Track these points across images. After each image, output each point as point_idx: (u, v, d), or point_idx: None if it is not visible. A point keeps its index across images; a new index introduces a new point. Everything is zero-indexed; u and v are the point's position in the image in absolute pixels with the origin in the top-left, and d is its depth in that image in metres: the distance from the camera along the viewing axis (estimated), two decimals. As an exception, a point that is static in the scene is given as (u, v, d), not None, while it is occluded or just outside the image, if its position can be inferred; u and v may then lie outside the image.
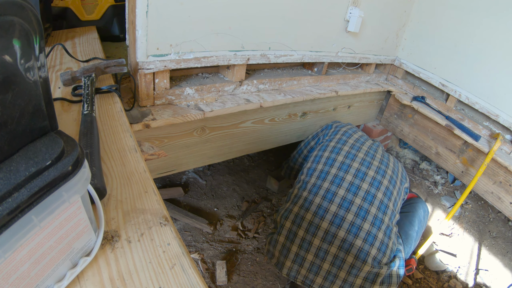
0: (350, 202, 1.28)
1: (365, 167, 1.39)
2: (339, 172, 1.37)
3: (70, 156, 0.38)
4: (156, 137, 1.15)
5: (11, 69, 0.34)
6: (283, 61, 1.44)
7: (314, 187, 1.35)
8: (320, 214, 1.27)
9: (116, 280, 0.45)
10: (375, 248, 1.20)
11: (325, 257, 1.22)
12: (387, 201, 1.33)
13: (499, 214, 2.06)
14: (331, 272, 1.21)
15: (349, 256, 1.19)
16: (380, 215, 1.28)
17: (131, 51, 1.07)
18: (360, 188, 1.32)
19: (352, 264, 1.19)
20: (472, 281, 1.78)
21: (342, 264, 1.20)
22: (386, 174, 1.40)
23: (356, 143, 1.51)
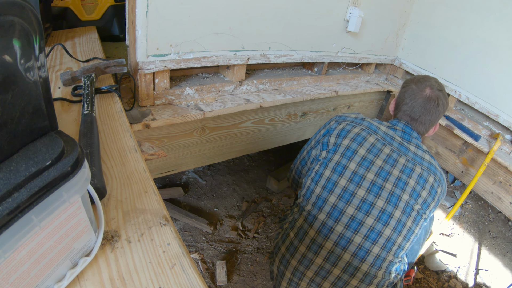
0: (360, 222, 1.04)
1: (382, 179, 1.06)
2: (349, 184, 1.07)
3: (70, 156, 0.38)
4: (156, 137, 1.15)
5: (11, 69, 0.34)
6: (283, 61, 1.44)
7: (319, 200, 1.10)
8: (324, 233, 1.07)
9: (116, 280, 0.45)
10: (382, 270, 1.03)
11: (326, 276, 1.06)
12: (405, 219, 1.05)
13: (499, 214, 2.06)
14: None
15: (354, 279, 1.02)
16: (395, 237, 1.04)
17: (131, 51, 1.07)
18: (374, 206, 1.04)
19: (356, 287, 1.04)
20: (472, 281, 1.78)
21: (345, 286, 1.04)
22: (407, 187, 1.05)
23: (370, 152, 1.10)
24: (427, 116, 1.11)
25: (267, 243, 1.82)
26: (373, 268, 1.02)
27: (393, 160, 1.06)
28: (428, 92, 1.10)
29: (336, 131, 1.12)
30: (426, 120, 1.11)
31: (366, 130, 1.10)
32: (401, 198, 1.03)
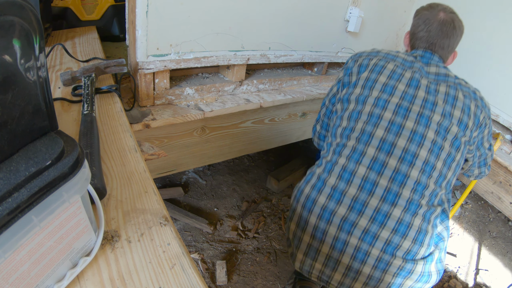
0: (392, 143, 0.94)
1: (407, 101, 0.98)
2: (374, 109, 1.00)
3: (70, 156, 0.38)
4: (156, 137, 1.15)
5: (11, 69, 0.34)
6: (283, 61, 1.44)
7: (346, 130, 1.02)
8: (336, 197, 0.97)
9: (116, 280, 0.45)
10: (409, 240, 0.91)
11: (343, 249, 0.95)
12: (441, 141, 0.94)
13: (499, 214, 2.06)
14: (352, 267, 0.95)
15: (374, 249, 0.92)
16: (433, 160, 0.93)
17: (131, 51, 1.07)
18: (403, 127, 0.95)
19: (379, 258, 0.92)
20: (472, 281, 1.78)
21: (366, 257, 0.93)
22: (437, 108, 0.96)
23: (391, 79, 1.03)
24: (445, 40, 1.05)
25: (267, 243, 1.82)
26: (415, 194, 0.92)
27: (416, 81, 1.01)
28: (442, 16, 1.04)
29: (354, 68, 1.10)
30: (445, 44, 1.05)
31: (384, 59, 1.06)
32: (432, 118, 0.95)
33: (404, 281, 0.93)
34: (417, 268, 0.92)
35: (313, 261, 1.02)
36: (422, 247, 0.92)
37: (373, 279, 0.94)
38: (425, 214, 0.93)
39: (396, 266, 0.91)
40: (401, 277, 0.92)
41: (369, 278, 0.94)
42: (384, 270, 0.92)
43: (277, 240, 1.85)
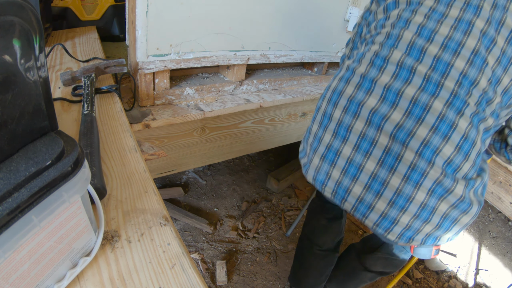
0: (422, 49, 0.77)
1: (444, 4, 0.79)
2: (403, 13, 0.83)
3: (70, 156, 0.38)
4: (156, 137, 1.15)
5: (11, 69, 0.34)
6: (283, 61, 1.44)
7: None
8: (366, 86, 0.81)
9: (116, 280, 0.45)
10: (451, 145, 0.73)
11: (370, 150, 0.79)
12: (485, 53, 0.74)
13: (499, 214, 2.06)
14: (378, 176, 0.78)
15: (408, 151, 0.75)
16: (473, 74, 0.74)
17: (131, 51, 1.07)
18: (436, 33, 0.77)
19: (413, 164, 0.74)
20: (472, 281, 1.79)
21: (396, 163, 0.76)
22: (481, 12, 0.76)
23: None
24: None
25: (267, 243, 1.82)
26: (460, 88, 0.74)
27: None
28: None
29: None
30: None
31: None
32: (474, 23, 0.75)
33: (439, 203, 0.75)
34: (456, 189, 0.74)
35: (330, 166, 0.87)
36: (467, 162, 0.74)
37: (401, 196, 0.76)
38: (473, 117, 0.74)
39: (433, 179, 0.73)
40: (436, 196, 0.75)
41: (396, 194, 0.77)
42: (417, 184, 0.74)
43: (277, 240, 1.85)
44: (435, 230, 0.79)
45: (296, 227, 1.95)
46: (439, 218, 0.77)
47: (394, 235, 0.81)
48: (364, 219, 0.84)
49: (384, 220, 0.80)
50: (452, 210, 0.76)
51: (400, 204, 0.77)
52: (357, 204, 0.83)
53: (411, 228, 0.79)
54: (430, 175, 0.74)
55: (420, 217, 0.77)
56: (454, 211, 0.76)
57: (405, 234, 0.80)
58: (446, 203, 0.76)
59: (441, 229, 0.78)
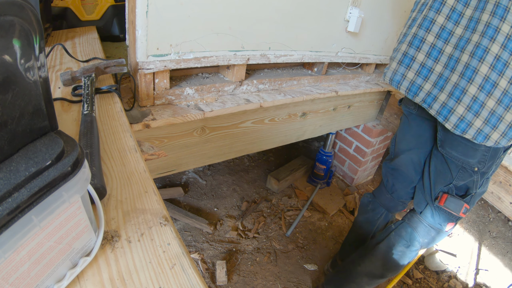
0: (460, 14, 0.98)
1: None
2: None
3: (70, 156, 0.38)
4: (156, 137, 1.15)
5: (11, 69, 0.34)
6: (283, 61, 1.44)
7: None
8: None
9: (116, 280, 0.45)
10: (498, 44, 0.90)
11: (438, 57, 1.03)
12: None
13: (499, 214, 2.06)
14: (443, 75, 1.03)
15: (464, 55, 0.96)
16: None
17: (131, 51, 1.07)
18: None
19: (467, 64, 0.95)
20: (472, 281, 1.79)
21: (456, 64, 0.99)
22: None
23: None
24: None
25: (267, 243, 1.82)
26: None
27: None
28: None
29: None
30: None
31: None
32: None
33: (487, 99, 0.93)
34: (501, 82, 0.90)
35: (406, 69, 1.10)
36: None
37: (457, 89, 0.97)
38: None
39: (482, 75, 0.92)
40: (485, 92, 0.93)
41: (454, 87, 0.99)
42: (469, 79, 0.94)
43: (277, 240, 1.85)
44: (484, 125, 0.95)
45: (296, 227, 1.95)
46: (487, 113, 0.93)
47: (451, 124, 1.00)
48: (429, 109, 1.06)
49: (444, 109, 1.01)
50: (498, 106, 0.92)
51: (456, 95, 0.98)
52: (426, 97, 1.07)
53: (465, 119, 0.97)
54: (480, 73, 0.92)
55: (472, 109, 0.95)
56: (499, 108, 0.92)
57: (459, 125, 0.99)
58: (493, 99, 0.92)
59: (489, 125, 0.94)
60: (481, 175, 1.13)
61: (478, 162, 1.08)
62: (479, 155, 1.06)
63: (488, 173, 1.14)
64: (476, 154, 1.07)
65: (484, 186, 1.19)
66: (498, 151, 1.06)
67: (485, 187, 1.21)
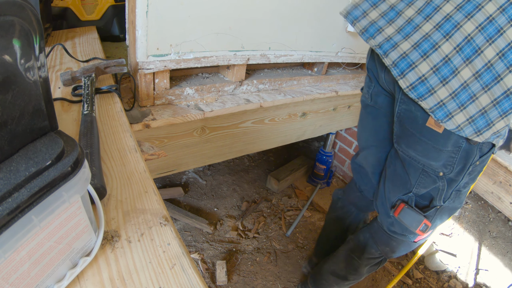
0: None
1: None
2: None
3: (70, 156, 0.38)
4: (156, 137, 1.15)
5: (11, 69, 0.34)
6: (283, 61, 1.44)
7: None
8: None
9: (116, 280, 0.45)
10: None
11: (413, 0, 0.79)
12: None
13: (499, 214, 2.06)
14: (413, 21, 0.79)
15: (448, 5, 0.74)
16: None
17: (131, 51, 1.07)
18: None
19: (448, 16, 0.73)
20: (472, 281, 1.79)
21: (434, 12, 0.75)
22: None
23: None
24: None
25: (267, 243, 1.82)
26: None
27: None
28: None
29: None
30: None
31: None
32: None
33: (462, 68, 0.71)
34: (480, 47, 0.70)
35: (371, 7, 0.87)
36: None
37: (428, 41, 0.75)
38: None
39: (464, 34, 0.70)
40: (462, 56, 0.72)
41: (424, 38, 0.75)
42: (446, 35, 0.72)
43: (277, 240, 1.85)
44: (450, 99, 0.72)
45: (296, 227, 1.95)
46: (458, 85, 0.71)
47: (407, 82, 0.77)
48: (384, 57, 0.82)
49: (403, 61, 0.78)
50: (475, 81, 0.70)
51: (423, 48, 0.75)
52: (383, 42, 0.82)
53: (427, 82, 0.75)
54: (462, 30, 0.71)
55: (439, 72, 0.73)
56: (476, 84, 0.70)
57: (417, 88, 0.76)
58: (471, 69, 0.70)
59: (456, 101, 0.72)
60: (448, 182, 0.90)
61: (444, 165, 0.86)
62: (445, 157, 0.84)
63: (458, 183, 0.91)
64: (440, 156, 0.85)
65: (454, 200, 0.96)
66: (471, 154, 0.83)
67: (456, 203, 0.97)
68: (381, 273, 1.79)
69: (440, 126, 0.79)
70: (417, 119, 0.83)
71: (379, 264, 1.29)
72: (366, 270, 1.29)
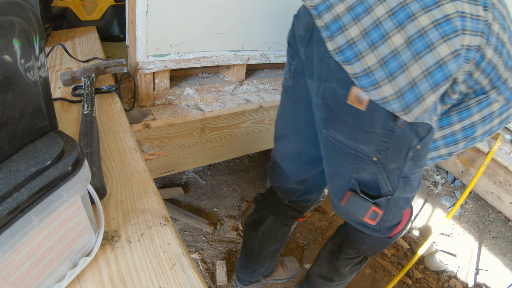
0: None
1: None
2: None
3: (70, 156, 0.38)
4: (156, 137, 1.15)
5: (11, 69, 0.34)
6: (283, 61, 1.44)
7: None
8: None
9: (116, 280, 0.45)
10: None
11: None
12: None
13: (499, 214, 2.06)
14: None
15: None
16: None
17: (131, 51, 1.07)
18: None
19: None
20: (472, 281, 1.79)
21: None
22: None
23: None
24: None
25: (267, 243, 1.82)
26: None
27: None
28: None
29: None
30: None
31: None
32: None
33: (394, 33, 0.65)
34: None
35: None
36: None
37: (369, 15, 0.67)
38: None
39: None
40: (397, 24, 0.64)
41: (367, 12, 0.67)
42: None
43: (277, 240, 1.85)
44: (378, 67, 0.66)
45: (296, 227, 1.95)
46: (388, 51, 0.65)
47: (335, 44, 0.70)
48: (317, 18, 0.73)
49: (334, 24, 0.70)
50: (406, 48, 0.64)
51: (356, 11, 0.68)
52: (320, 3, 0.73)
53: (355, 46, 0.68)
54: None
55: (368, 37, 0.67)
56: (407, 52, 0.64)
57: (345, 51, 0.69)
58: (403, 34, 0.64)
59: (384, 69, 0.66)
60: (385, 167, 0.81)
61: (376, 150, 0.78)
62: (375, 140, 0.76)
63: (401, 169, 0.81)
64: (368, 139, 0.76)
65: (405, 189, 0.87)
66: (406, 139, 0.74)
67: (408, 191, 0.88)
68: (381, 273, 1.79)
69: (361, 102, 0.71)
70: (338, 97, 0.75)
71: (361, 263, 1.24)
72: (347, 270, 1.24)
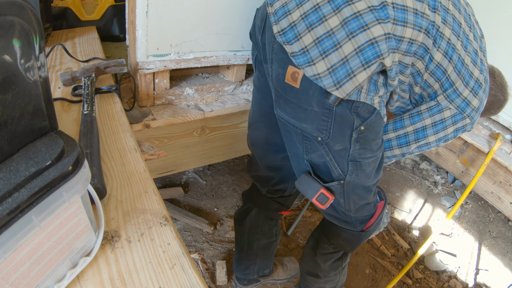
0: None
1: None
2: None
3: (70, 156, 0.38)
4: (156, 137, 1.15)
5: (11, 69, 0.34)
6: (283, 61, 1.44)
7: None
8: None
9: (116, 280, 0.45)
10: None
11: None
12: None
13: (499, 214, 2.06)
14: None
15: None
16: None
17: (131, 51, 1.07)
18: None
19: None
20: (472, 281, 1.79)
21: None
22: None
23: None
24: None
25: (267, 243, 1.82)
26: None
27: None
28: None
29: None
30: None
31: None
32: None
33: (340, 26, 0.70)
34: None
35: None
36: None
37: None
38: None
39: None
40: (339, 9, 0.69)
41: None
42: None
43: (277, 240, 1.85)
44: (313, 46, 0.70)
45: (296, 227, 1.95)
46: (324, 32, 0.70)
47: (279, 27, 0.75)
48: (270, 5, 0.79)
49: (281, 10, 0.76)
50: (341, 29, 0.68)
51: (304, 4, 0.73)
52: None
53: (295, 28, 0.73)
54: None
55: (308, 19, 0.72)
56: (341, 32, 0.68)
57: (287, 33, 0.74)
58: (339, 17, 0.69)
59: (319, 48, 0.70)
60: (329, 148, 0.82)
61: (318, 129, 0.79)
62: (314, 118, 0.78)
63: (348, 151, 0.82)
64: (308, 117, 0.79)
65: (357, 173, 0.87)
66: (346, 118, 0.76)
67: (361, 176, 0.88)
68: (381, 273, 1.79)
69: (296, 80, 0.76)
70: (279, 76, 0.80)
71: (342, 259, 1.22)
72: (328, 266, 1.22)
